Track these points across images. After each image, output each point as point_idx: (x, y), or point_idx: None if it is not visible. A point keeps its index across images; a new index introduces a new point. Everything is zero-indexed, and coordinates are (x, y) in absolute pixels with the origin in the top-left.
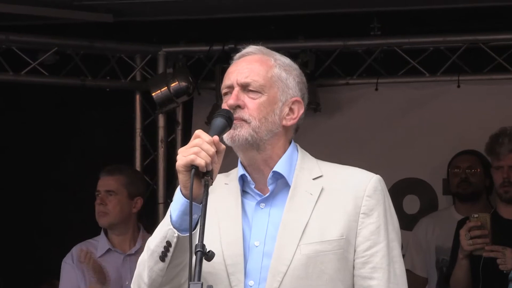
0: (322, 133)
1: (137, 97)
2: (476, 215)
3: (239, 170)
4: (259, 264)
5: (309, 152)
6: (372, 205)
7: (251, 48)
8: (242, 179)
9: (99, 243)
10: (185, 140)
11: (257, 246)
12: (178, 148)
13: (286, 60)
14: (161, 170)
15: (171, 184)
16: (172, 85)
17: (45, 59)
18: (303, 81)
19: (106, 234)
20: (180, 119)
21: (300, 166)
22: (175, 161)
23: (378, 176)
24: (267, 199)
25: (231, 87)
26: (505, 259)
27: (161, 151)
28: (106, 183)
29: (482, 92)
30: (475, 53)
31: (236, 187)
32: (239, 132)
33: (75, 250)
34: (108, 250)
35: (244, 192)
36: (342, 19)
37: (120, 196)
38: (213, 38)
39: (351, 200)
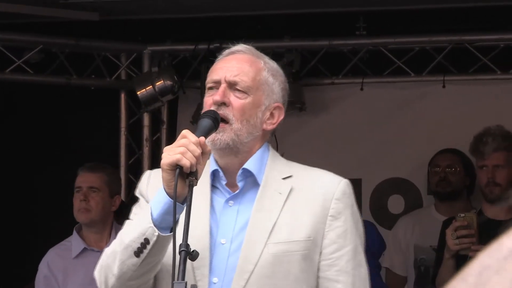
0: (307, 132)
1: (122, 95)
2: (462, 215)
3: (211, 165)
4: (225, 262)
5: (293, 151)
6: (341, 208)
7: (241, 47)
8: (214, 174)
9: (73, 244)
10: (170, 139)
11: (223, 244)
12: (163, 147)
13: (274, 65)
14: (146, 169)
15: None
16: (157, 84)
17: (30, 57)
18: (286, 88)
19: (78, 233)
20: (165, 118)
21: (270, 166)
22: (160, 160)
23: (346, 180)
24: (236, 197)
25: (218, 83)
26: None
27: (146, 150)
28: (89, 179)
29: (467, 92)
30: (461, 53)
31: (206, 182)
32: (221, 137)
33: (49, 256)
34: (84, 250)
35: (213, 188)
36: (328, 18)
37: (103, 194)
38: (198, 37)
39: (320, 202)
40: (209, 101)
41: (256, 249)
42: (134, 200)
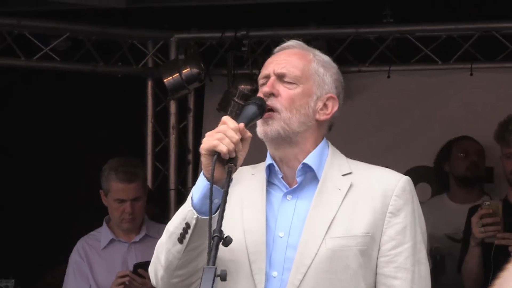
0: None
1: (149, 83)
2: (488, 203)
3: (267, 160)
4: (283, 255)
5: None
6: (400, 205)
7: (291, 42)
8: (269, 169)
9: (102, 235)
10: (197, 127)
11: (281, 237)
12: (190, 135)
13: (325, 57)
14: (172, 156)
15: (182, 170)
16: (184, 71)
17: (57, 45)
18: (340, 80)
19: (108, 224)
20: (191, 105)
21: (330, 162)
22: (186, 147)
23: (407, 177)
24: (294, 191)
25: (267, 77)
26: None
27: (172, 137)
28: (132, 192)
29: (494, 80)
30: (488, 41)
31: (262, 177)
32: (271, 126)
33: (80, 244)
34: (112, 240)
35: (270, 183)
36: (355, 6)
37: (143, 198)
38: (225, 24)
39: (379, 199)
40: (260, 95)
41: (314, 243)
42: (161, 187)
